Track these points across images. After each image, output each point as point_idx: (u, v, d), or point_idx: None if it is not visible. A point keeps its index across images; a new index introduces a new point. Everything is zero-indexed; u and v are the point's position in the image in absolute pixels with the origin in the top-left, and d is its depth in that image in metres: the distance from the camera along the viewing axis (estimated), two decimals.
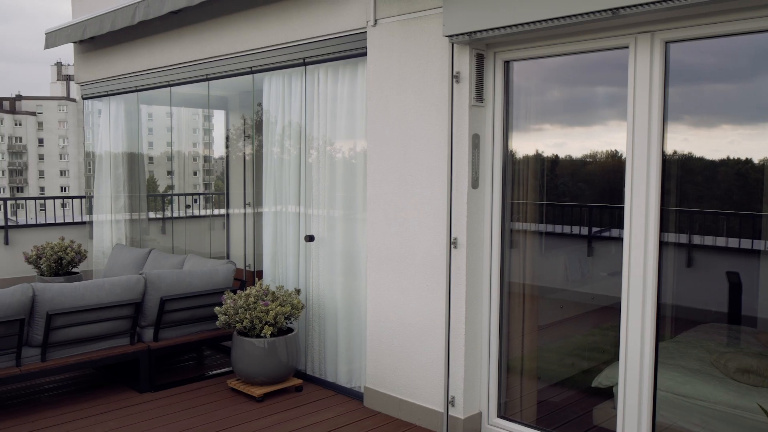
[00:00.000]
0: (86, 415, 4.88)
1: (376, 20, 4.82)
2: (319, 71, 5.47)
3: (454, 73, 4.34)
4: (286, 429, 4.64)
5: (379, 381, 4.99)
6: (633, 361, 3.83)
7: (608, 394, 4.19)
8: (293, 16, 5.50)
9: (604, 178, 4.32)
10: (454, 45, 4.33)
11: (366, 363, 5.11)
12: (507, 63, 4.40)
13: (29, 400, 5.22)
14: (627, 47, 3.78)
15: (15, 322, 4.71)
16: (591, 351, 4.48)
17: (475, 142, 4.39)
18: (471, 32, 4.11)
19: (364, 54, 4.99)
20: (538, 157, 4.46)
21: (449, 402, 4.52)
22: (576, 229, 4.60)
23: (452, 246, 4.45)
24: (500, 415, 4.56)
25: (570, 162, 4.39)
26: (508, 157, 4.47)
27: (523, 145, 4.49)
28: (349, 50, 5.11)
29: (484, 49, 4.37)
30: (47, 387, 5.54)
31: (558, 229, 4.65)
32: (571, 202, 4.57)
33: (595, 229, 4.50)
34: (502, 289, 4.52)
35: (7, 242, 9.65)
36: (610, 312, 4.09)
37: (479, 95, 4.36)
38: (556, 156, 4.43)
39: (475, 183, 4.42)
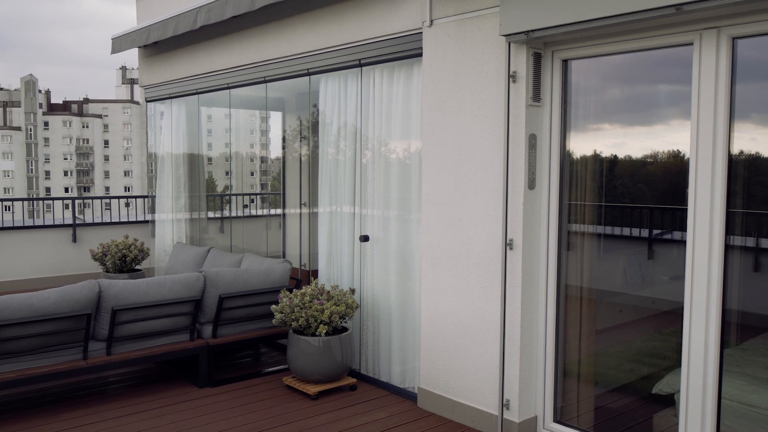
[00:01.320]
0: (148, 408, 5.04)
1: (431, 20, 4.81)
2: (374, 72, 5.50)
3: (511, 73, 4.30)
4: (340, 427, 4.68)
5: (433, 382, 4.98)
6: (696, 368, 3.71)
7: (669, 401, 4.07)
8: (349, 17, 5.55)
9: (665, 179, 4.20)
10: (511, 44, 4.29)
11: (420, 364, 5.11)
12: (565, 62, 4.33)
13: (95, 392, 5.43)
14: (691, 44, 3.66)
15: (82, 317, 4.91)
16: (651, 357, 4.36)
17: (532, 142, 4.34)
18: (529, 31, 4.06)
19: (420, 54, 4.99)
20: (596, 158, 4.37)
21: (504, 405, 4.48)
22: (635, 232, 4.49)
23: (508, 247, 4.40)
24: (556, 420, 4.49)
25: (630, 162, 4.28)
26: (565, 157, 4.40)
27: (581, 145, 4.41)
28: (405, 51, 5.12)
29: (542, 47, 4.31)
30: (112, 380, 5.74)
31: (617, 231, 4.55)
32: (630, 203, 4.46)
33: (655, 232, 4.38)
34: (559, 291, 4.45)
35: (75, 240, 10.06)
36: (671, 317, 3.98)
37: (536, 95, 4.31)
38: (615, 156, 4.33)
39: (531, 184, 4.36)
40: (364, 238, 5.63)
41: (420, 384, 5.11)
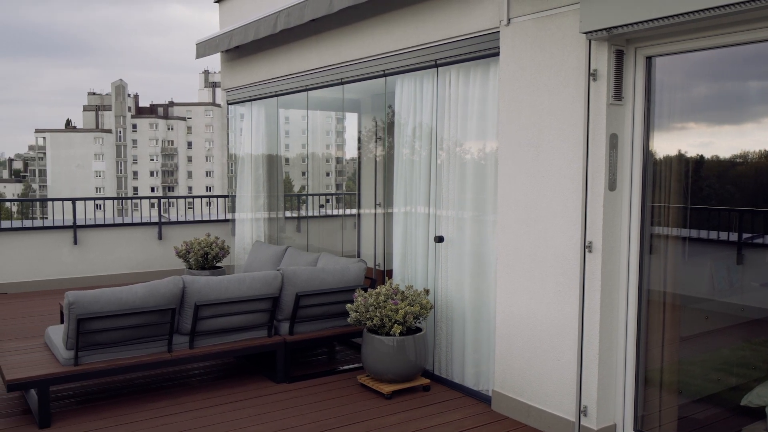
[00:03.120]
0: (227, 401, 5.21)
1: (509, 19, 4.75)
2: (450, 73, 5.49)
3: (591, 71, 4.19)
4: (414, 428, 4.69)
5: (508, 385, 4.92)
6: None
7: (759, 414, 3.87)
8: (426, 18, 5.55)
9: (756, 180, 4.00)
10: (592, 41, 4.18)
11: (494, 366, 5.06)
12: (649, 59, 4.19)
13: (179, 383, 5.65)
14: None
15: (167, 311, 5.12)
16: (740, 366, 4.16)
17: (613, 142, 4.22)
18: (610, 27, 3.94)
19: (496, 54, 4.94)
20: (681, 158, 4.20)
21: (581, 411, 4.37)
22: (723, 235, 4.29)
23: (587, 250, 4.30)
24: (636, 429, 4.35)
25: (717, 163, 4.10)
26: (648, 157, 4.25)
27: (665, 145, 4.25)
28: (481, 51, 5.08)
29: (624, 44, 4.19)
30: (194, 372, 5.96)
31: (703, 234, 4.36)
32: (718, 205, 4.26)
33: (745, 236, 4.17)
34: (641, 296, 4.30)
35: (160, 237, 10.50)
36: (763, 325, 3.78)
37: (618, 93, 4.18)
38: (702, 156, 4.16)
39: (612, 185, 4.24)
40: (439, 239, 5.62)
41: (494, 387, 5.05)
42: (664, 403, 4.37)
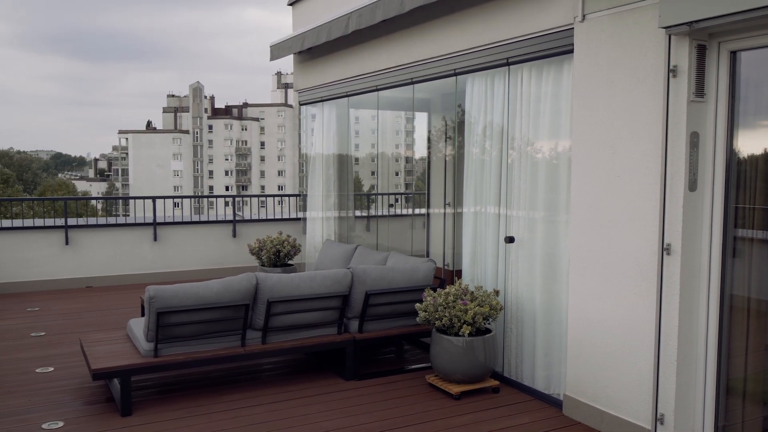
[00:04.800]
0: (298, 396, 5.31)
1: (584, 15, 4.64)
2: (522, 71, 5.41)
3: (671, 67, 4.04)
4: (483, 429, 4.65)
5: (580, 390, 4.81)
6: None
7: None
8: (497, 16, 5.49)
9: None
10: (671, 36, 4.03)
11: (566, 370, 4.96)
12: (733, 53, 4.00)
13: (251, 377, 5.80)
14: None
15: (241, 307, 5.26)
16: None
17: (694, 140, 4.05)
18: (692, 22, 3.79)
19: (570, 51, 4.83)
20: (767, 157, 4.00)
21: (658, 419, 4.23)
22: None
23: (665, 252, 4.15)
24: None
25: None
26: (732, 156, 4.07)
27: (750, 144, 4.06)
28: (554, 48, 4.98)
29: (706, 39, 4.02)
30: (266, 367, 6.11)
31: None
32: None
33: None
34: (723, 301, 4.12)
35: (234, 235, 10.80)
36: None
37: (699, 90, 4.02)
38: None
39: (692, 185, 4.08)
40: (510, 240, 5.55)
41: (566, 391, 4.95)
42: (748, 413, 4.17)
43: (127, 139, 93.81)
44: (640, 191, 4.29)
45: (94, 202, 57.58)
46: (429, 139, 8.92)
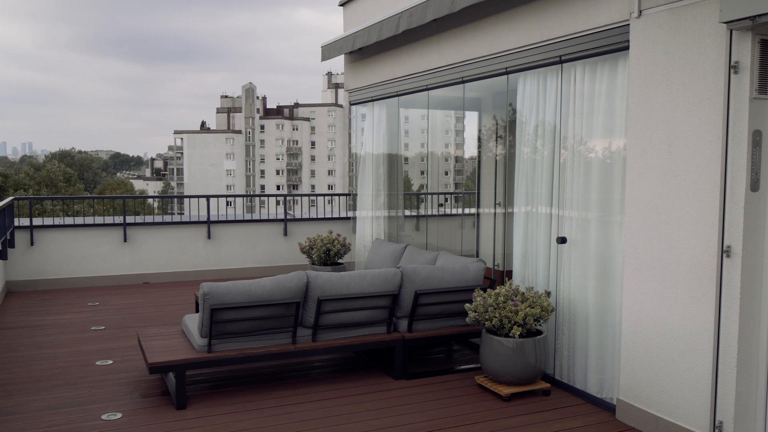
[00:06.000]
0: (348, 394, 5.35)
1: (640, 11, 4.54)
2: (575, 69, 5.31)
3: (732, 63, 3.91)
4: None
5: (634, 394, 4.70)
6: None
7: None
8: (550, 13, 5.41)
9: None
10: (733, 32, 3.90)
11: (619, 374, 4.85)
12: None
13: (301, 374, 5.87)
14: None
15: (292, 304, 5.33)
16: None
17: (756, 139, 3.91)
18: (755, 16, 3.66)
19: (625, 48, 4.73)
20: None
21: (716, 427, 4.10)
22: None
23: (725, 255, 4.02)
24: None
25: None
26: None
27: None
28: (609, 45, 4.88)
29: None
30: (316, 364, 6.17)
31: None
32: None
33: None
34: None
35: (285, 233, 10.95)
36: None
37: (762, 86, 3.87)
38: None
39: (754, 185, 3.93)
40: (562, 240, 5.47)
41: (619, 395, 4.85)
42: None
43: (182, 139, 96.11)
44: (699, 191, 4.17)
45: (150, 200, 59.22)
46: (479, 139, 8.85)
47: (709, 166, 4.09)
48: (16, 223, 9.70)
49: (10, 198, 9.52)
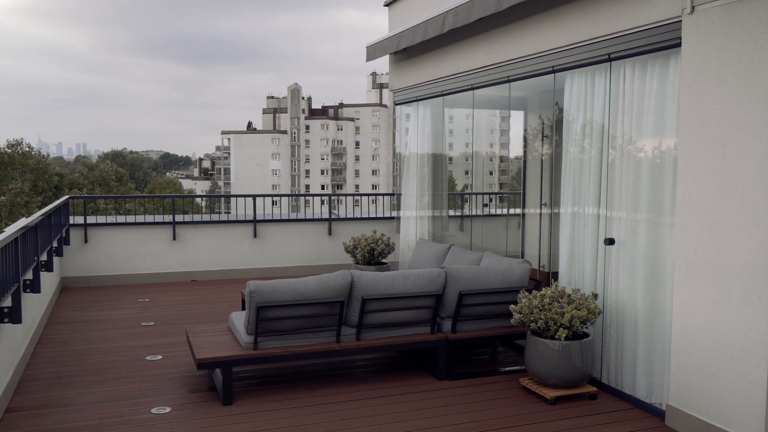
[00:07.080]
0: (391, 393, 5.36)
1: (693, 7, 4.42)
2: (624, 67, 5.21)
3: None
4: None
5: (684, 400, 4.58)
6: None
7: None
8: (598, 10, 5.32)
9: None
10: None
11: (669, 379, 4.74)
12: None
13: (345, 373, 5.91)
14: None
15: (337, 303, 5.37)
16: None
17: None
18: None
19: (677, 45, 4.61)
20: None
21: None
22: None
23: None
24: None
25: None
26: None
27: None
28: (660, 42, 4.77)
29: None
30: (360, 363, 6.20)
31: None
32: None
33: None
34: None
35: (330, 233, 11.04)
36: None
37: None
38: None
39: None
40: (609, 241, 5.37)
41: (669, 401, 4.73)
42: None
43: (229, 139, 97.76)
44: (754, 192, 4.04)
45: (198, 199, 60.43)
46: (525, 138, 8.75)
47: (764, 167, 3.96)
48: (71, 221, 10.02)
49: (66, 197, 9.84)
